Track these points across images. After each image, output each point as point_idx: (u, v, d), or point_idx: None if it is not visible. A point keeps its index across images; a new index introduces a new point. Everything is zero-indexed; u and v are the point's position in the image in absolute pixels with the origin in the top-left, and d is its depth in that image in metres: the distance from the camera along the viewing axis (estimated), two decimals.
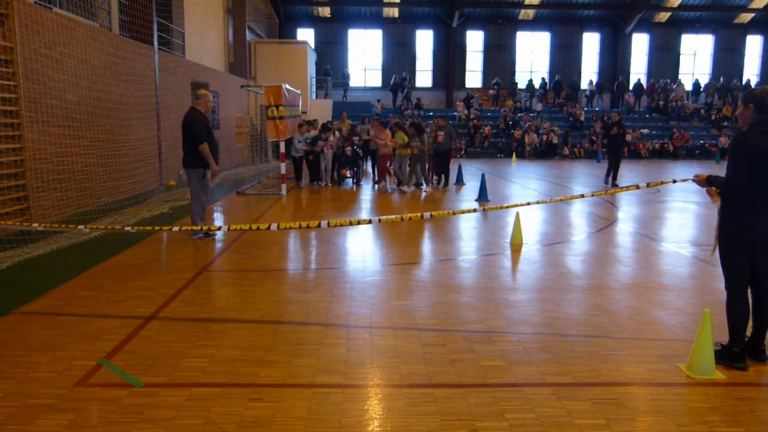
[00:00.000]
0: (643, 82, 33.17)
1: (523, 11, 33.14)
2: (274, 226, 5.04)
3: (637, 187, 5.29)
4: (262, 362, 4.02)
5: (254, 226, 5.23)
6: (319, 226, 5.14)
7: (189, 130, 7.67)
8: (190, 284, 5.93)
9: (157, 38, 13.45)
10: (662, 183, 5.42)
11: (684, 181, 4.70)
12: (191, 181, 7.94)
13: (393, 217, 5.51)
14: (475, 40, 34.10)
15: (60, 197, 9.20)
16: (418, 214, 5.26)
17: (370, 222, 5.60)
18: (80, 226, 5.64)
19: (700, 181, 4.19)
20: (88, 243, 7.76)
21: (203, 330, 4.62)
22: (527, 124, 28.17)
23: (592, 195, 5.48)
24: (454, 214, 5.84)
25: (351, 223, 5.31)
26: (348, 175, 14.97)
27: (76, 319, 4.85)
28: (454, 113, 30.14)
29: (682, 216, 10.70)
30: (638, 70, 34.67)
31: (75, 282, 5.95)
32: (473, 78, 34.40)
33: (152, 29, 13.06)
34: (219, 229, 6.48)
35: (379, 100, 30.81)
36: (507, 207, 6.77)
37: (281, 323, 4.80)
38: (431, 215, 5.40)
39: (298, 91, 17.72)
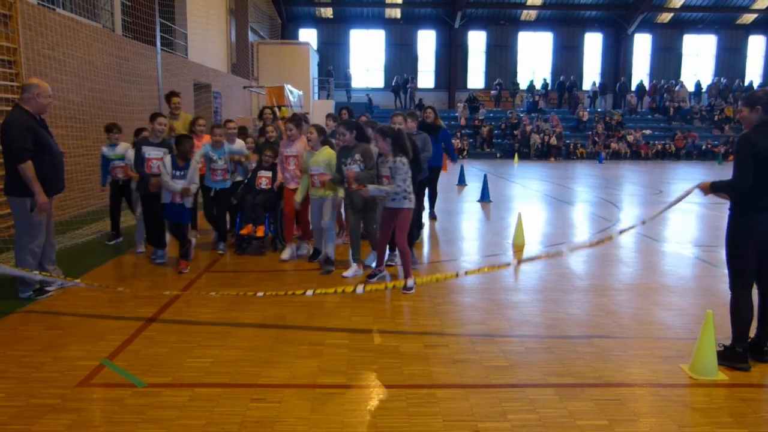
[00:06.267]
0: (646, 83, 33.15)
1: (525, 12, 33.14)
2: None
3: (644, 222, 5.17)
4: (264, 362, 4.02)
5: None
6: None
7: (5, 140, 5.12)
8: (193, 285, 5.94)
9: (159, 39, 13.46)
10: (660, 213, 5.26)
11: (688, 193, 4.61)
12: (13, 216, 5.41)
13: None
14: (477, 41, 34.11)
15: (62, 197, 9.19)
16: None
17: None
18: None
19: (704, 188, 4.17)
20: (90, 243, 7.77)
21: (205, 330, 4.63)
22: (529, 126, 28.13)
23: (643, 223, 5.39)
24: None
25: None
26: (255, 234, 7.08)
27: (78, 319, 4.86)
28: (455, 113, 30.13)
29: (684, 217, 10.68)
30: (640, 70, 34.65)
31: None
32: (475, 79, 34.41)
33: (155, 30, 13.07)
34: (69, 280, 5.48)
35: (368, 94, 30.69)
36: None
37: (283, 323, 4.80)
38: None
39: (300, 92, 17.74)
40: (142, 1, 13.12)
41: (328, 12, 32.98)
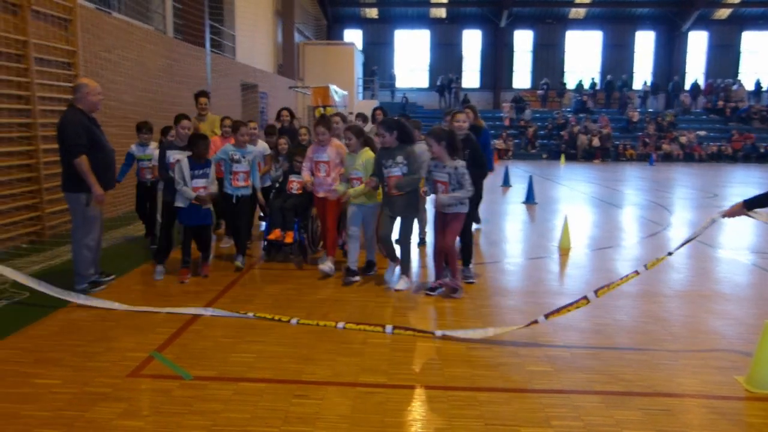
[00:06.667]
0: (701, 82, 32.01)
1: (573, 10, 32.53)
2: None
3: (670, 254, 4.63)
4: (306, 360, 4.06)
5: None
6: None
7: (61, 138, 5.35)
8: (238, 281, 6.05)
9: (209, 41, 13.78)
10: (684, 244, 4.67)
11: (713, 221, 4.35)
12: (71, 212, 5.62)
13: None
14: (523, 40, 33.67)
15: (115, 194, 9.52)
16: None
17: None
18: None
19: (735, 212, 4.07)
20: (139, 240, 8.00)
21: (250, 326, 4.71)
22: (576, 126, 27.56)
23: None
24: None
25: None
26: (283, 240, 6.59)
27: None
28: (500, 114, 29.78)
29: (739, 222, 10.27)
30: (695, 69, 33.48)
31: (127, 277, 6.15)
32: (521, 78, 33.96)
33: (204, 32, 13.40)
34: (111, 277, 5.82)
35: (404, 95, 30.54)
36: None
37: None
38: None
39: (345, 92, 17.86)
40: (193, 4, 13.46)
41: (373, 12, 33.12)
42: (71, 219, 5.61)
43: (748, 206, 4.01)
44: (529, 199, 12.16)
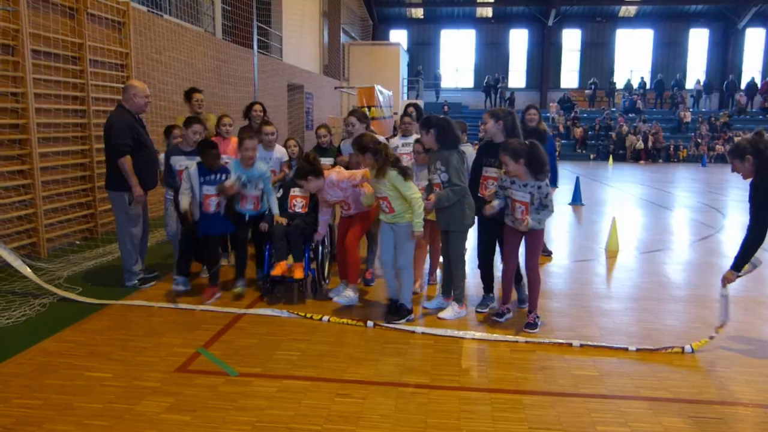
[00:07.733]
0: (758, 80, 30.73)
1: (624, 8, 31.76)
2: None
3: (712, 337, 4.36)
4: (350, 359, 4.08)
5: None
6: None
7: (107, 137, 5.47)
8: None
9: (256, 42, 14.01)
10: (722, 326, 4.39)
11: (726, 297, 4.35)
12: (114, 210, 5.74)
13: None
14: (571, 39, 33.04)
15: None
16: None
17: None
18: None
19: (731, 279, 4.27)
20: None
21: (294, 324, 4.76)
22: (624, 126, 26.85)
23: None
24: None
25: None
26: (291, 275, 5.23)
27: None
28: (547, 114, 29.29)
29: None
30: (752, 67, 32.15)
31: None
32: (569, 78, 33.33)
33: (252, 33, 13.63)
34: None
35: (444, 103, 30.03)
36: None
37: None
38: None
39: (390, 93, 17.88)
40: (241, 6, 13.72)
41: (418, 12, 33.11)
42: (115, 217, 5.80)
43: (737, 268, 4.21)
44: (576, 201, 11.92)
